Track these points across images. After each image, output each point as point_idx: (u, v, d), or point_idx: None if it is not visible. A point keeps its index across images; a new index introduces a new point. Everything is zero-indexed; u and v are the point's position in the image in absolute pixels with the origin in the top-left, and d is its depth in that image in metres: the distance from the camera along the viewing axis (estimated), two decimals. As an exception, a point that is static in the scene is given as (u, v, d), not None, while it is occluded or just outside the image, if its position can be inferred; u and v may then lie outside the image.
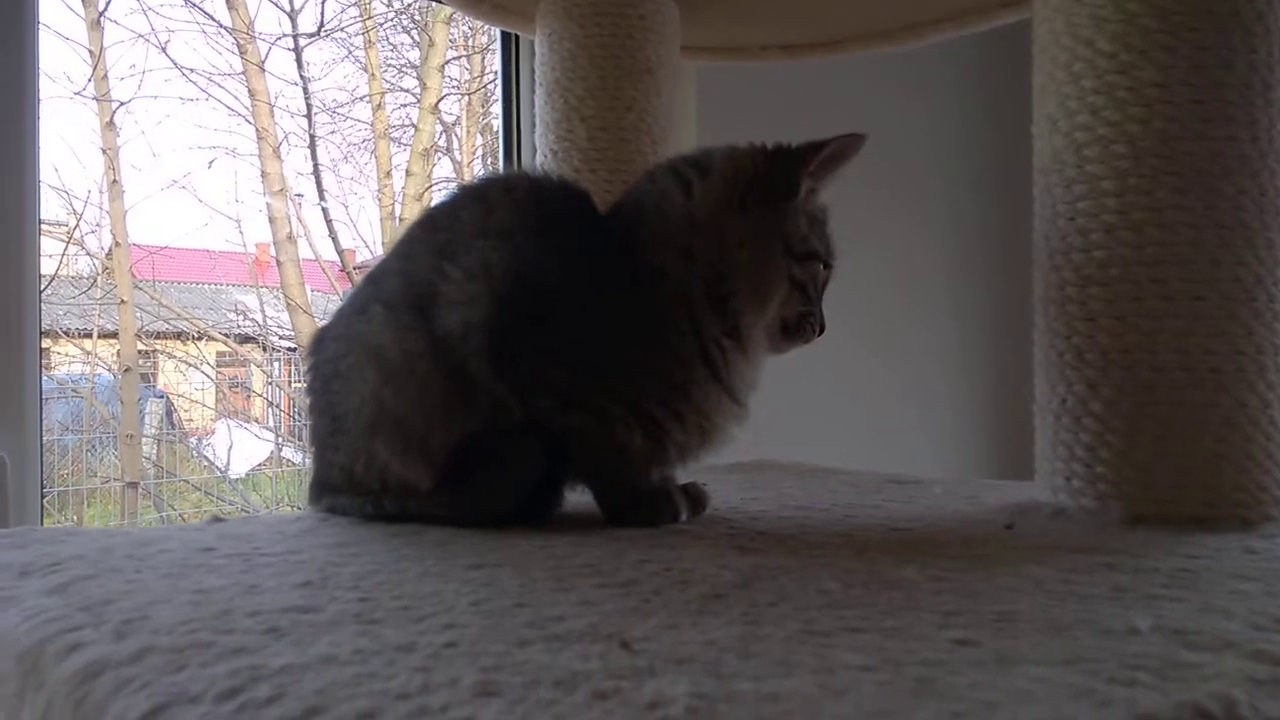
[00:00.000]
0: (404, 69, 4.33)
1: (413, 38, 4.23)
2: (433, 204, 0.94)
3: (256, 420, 3.87)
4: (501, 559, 0.71)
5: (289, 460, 3.62)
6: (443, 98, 4.03)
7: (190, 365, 3.84)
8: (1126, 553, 0.73)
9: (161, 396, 3.91)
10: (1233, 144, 0.83)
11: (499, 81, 1.81)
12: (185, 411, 3.90)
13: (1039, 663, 0.46)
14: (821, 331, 0.91)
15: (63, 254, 3.18)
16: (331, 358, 0.89)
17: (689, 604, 0.58)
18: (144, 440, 3.64)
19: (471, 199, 0.91)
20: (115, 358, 3.38)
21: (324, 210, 3.68)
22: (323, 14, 3.59)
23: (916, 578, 0.65)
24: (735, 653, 0.48)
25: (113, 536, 0.81)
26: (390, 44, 4.36)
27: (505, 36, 1.81)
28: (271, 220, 3.64)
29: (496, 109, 2.25)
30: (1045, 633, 0.52)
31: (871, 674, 0.45)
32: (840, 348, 1.98)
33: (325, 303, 3.60)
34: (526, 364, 0.82)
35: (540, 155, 1.34)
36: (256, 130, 3.61)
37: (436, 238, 0.88)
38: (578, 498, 0.91)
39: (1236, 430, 0.82)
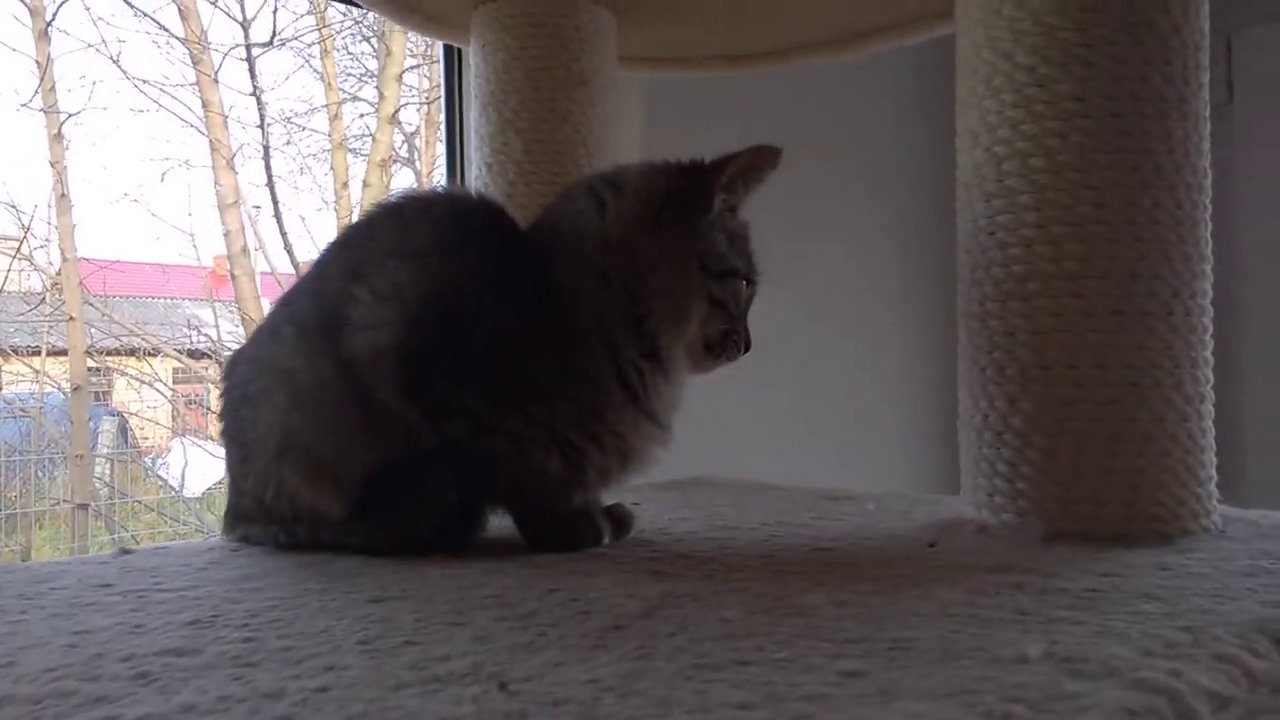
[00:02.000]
0: (364, 78, 4.29)
1: (372, 46, 4.19)
2: (350, 222, 0.92)
3: (213, 438, 3.80)
4: (405, 591, 0.69)
5: (246, 477, 3.55)
6: (400, 108, 4.00)
7: (143, 382, 3.77)
8: (1039, 571, 0.72)
9: (115, 415, 3.84)
10: (1149, 157, 0.83)
11: (443, 93, 1.79)
12: (140, 429, 3.83)
13: (921, 696, 0.45)
14: (747, 349, 0.90)
15: (7, 270, 3.11)
16: (241, 382, 0.87)
17: (585, 637, 0.57)
18: (97, 460, 3.57)
19: (387, 218, 0.89)
20: (66, 376, 3.31)
21: (279, 222, 3.63)
22: (275, 23, 3.55)
23: (823, 603, 0.64)
24: (616, 692, 0.47)
25: (10, 572, 0.79)
26: (349, 53, 4.32)
27: (448, 47, 1.80)
28: (226, 233, 3.59)
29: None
30: (936, 662, 0.51)
31: (749, 713, 0.44)
32: (790, 359, 1.98)
33: (282, 316, 3.54)
34: (439, 388, 0.80)
35: (476, 168, 1.32)
36: (210, 142, 3.57)
37: (350, 257, 0.86)
38: (503, 521, 0.89)
39: (1154, 445, 0.82)
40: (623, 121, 1.75)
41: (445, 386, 0.80)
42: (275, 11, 3.51)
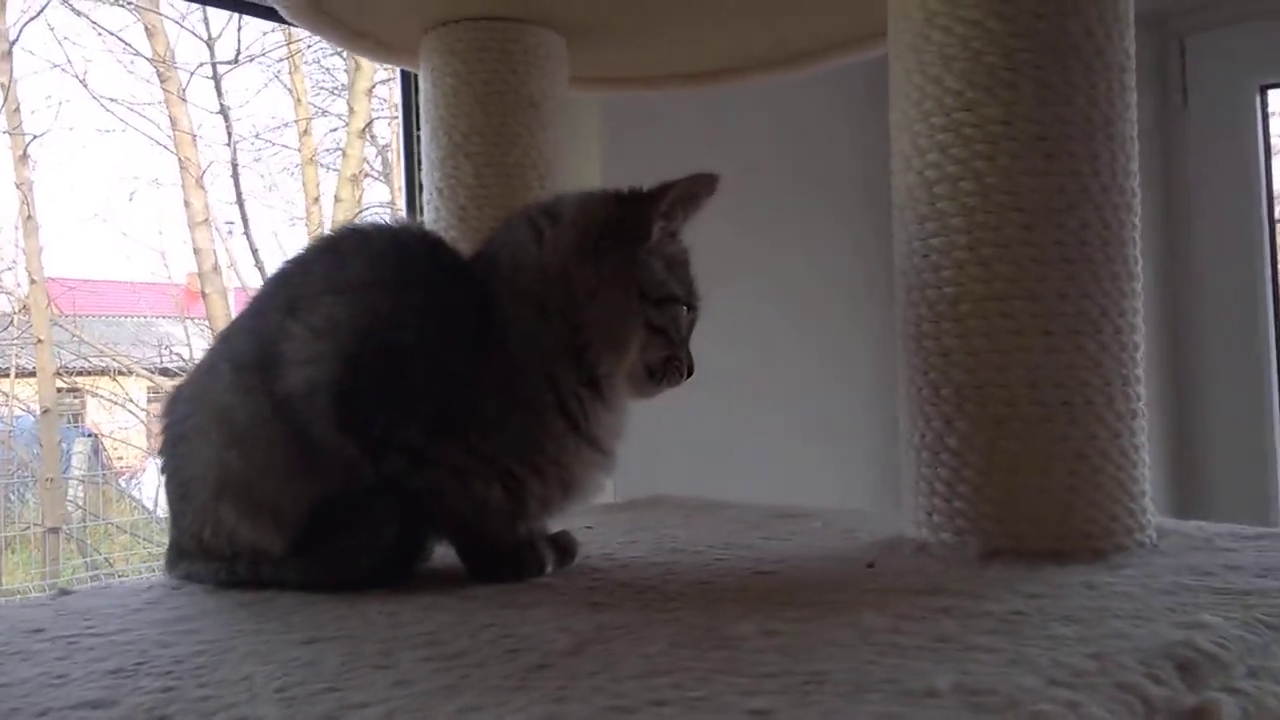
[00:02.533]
0: (337, 91, 4.28)
1: (344, 59, 4.18)
2: (289, 257, 0.92)
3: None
4: (340, 630, 0.69)
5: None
6: (371, 122, 4.00)
7: (115, 403, 3.75)
8: (969, 594, 0.73)
9: (89, 435, 3.81)
10: (1076, 178, 0.84)
11: (400, 116, 1.79)
12: (114, 450, 3.80)
13: (822, 738, 0.46)
14: (689, 374, 0.90)
15: (-26, 293, 3.08)
16: (180, 418, 0.87)
17: (508, 678, 0.57)
18: (71, 483, 3.55)
19: (325, 252, 0.89)
20: (37, 398, 3.29)
21: (249, 239, 3.63)
22: (240, 41, 3.54)
23: (751, 634, 0.64)
24: (524, 739, 0.47)
25: (-57, 618, 0.78)
26: (322, 66, 4.31)
27: (405, 71, 1.80)
28: (196, 251, 3.58)
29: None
30: (846, 697, 0.51)
31: (650, 760, 0.44)
32: (757, 372, 1.98)
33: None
34: (377, 422, 0.80)
35: (427, 193, 1.33)
36: (179, 160, 3.56)
37: (287, 293, 0.86)
38: (449, 550, 0.89)
39: (1086, 462, 0.83)
40: (581, 142, 1.76)
41: (384, 421, 0.80)
42: (240, 29, 3.49)
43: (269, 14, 1.27)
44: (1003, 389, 0.84)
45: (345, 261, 0.86)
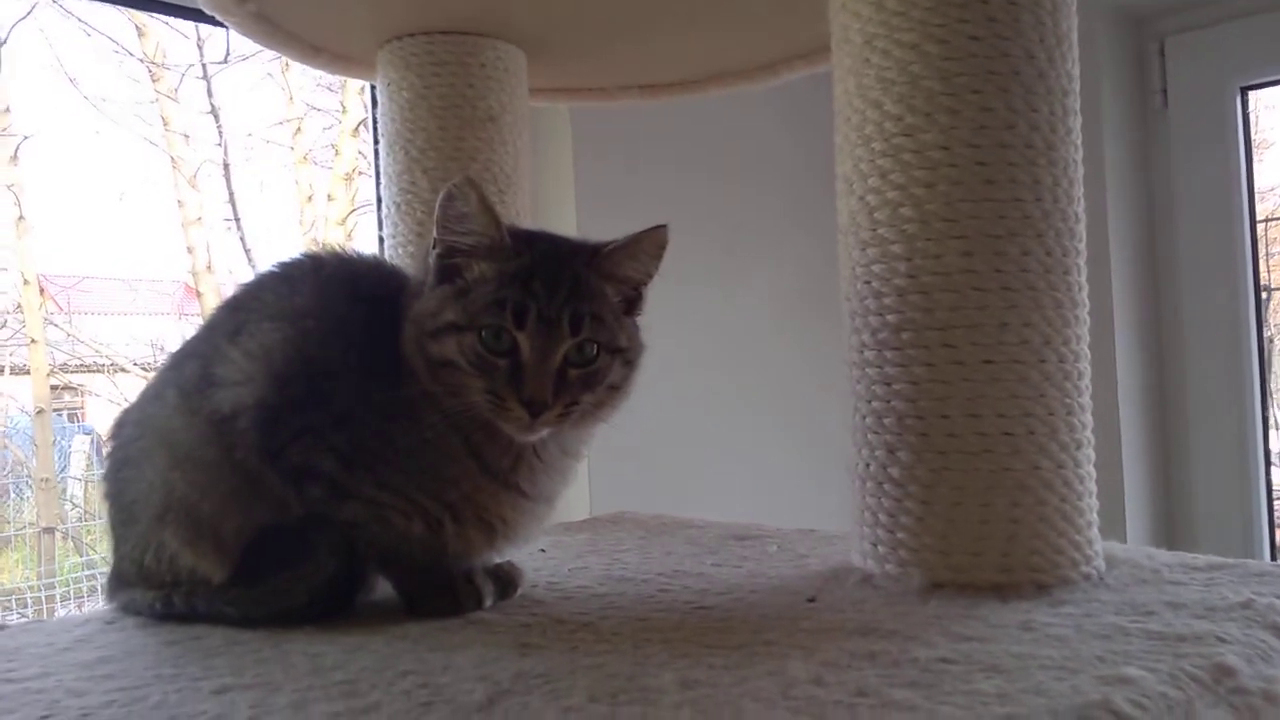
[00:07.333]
0: (334, 89, 4.27)
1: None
2: (241, 283, 0.91)
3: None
4: (257, 677, 0.68)
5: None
6: (364, 120, 3.98)
7: (115, 403, 3.76)
8: (902, 634, 0.71)
9: (90, 433, 3.82)
10: (1017, 205, 0.82)
11: (371, 127, 1.77)
12: (112, 448, 3.81)
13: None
14: (536, 407, 0.75)
15: (-35, 294, 3.10)
16: (125, 442, 0.87)
17: (408, 737, 0.56)
18: (73, 480, 3.57)
19: (278, 279, 0.88)
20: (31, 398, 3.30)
21: (242, 239, 3.62)
22: (229, 40, 3.52)
23: (670, 686, 0.63)
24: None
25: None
26: (317, 63, 4.28)
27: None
28: (190, 250, 3.59)
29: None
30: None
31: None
32: (736, 385, 1.96)
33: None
34: (295, 449, 0.79)
35: (385, 208, 1.31)
36: (171, 160, 3.56)
37: (235, 319, 0.85)
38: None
39: (1030, 494, 0.82)
40: (553, 153, 1.74)
41: (301, 448, 0.79)
42: (229, 30, 3.46)
43: (224, 25, 1.26)
44: (944, 419, 0.83)
45: (293, 290, 0.86)
